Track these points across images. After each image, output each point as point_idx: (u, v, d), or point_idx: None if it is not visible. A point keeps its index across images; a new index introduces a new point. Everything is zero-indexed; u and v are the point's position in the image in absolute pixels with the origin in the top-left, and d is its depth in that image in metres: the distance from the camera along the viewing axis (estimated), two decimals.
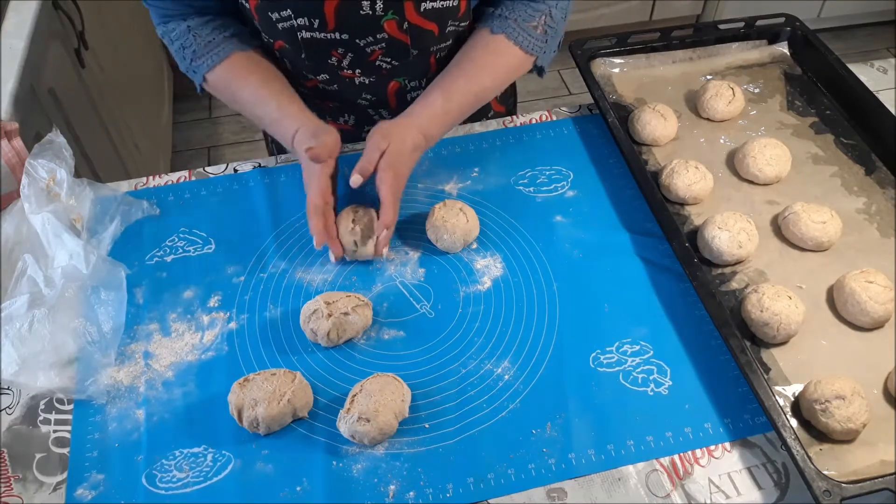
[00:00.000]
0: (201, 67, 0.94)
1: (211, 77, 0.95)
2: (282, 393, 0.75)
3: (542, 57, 0.99)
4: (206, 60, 0.94)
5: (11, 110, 1.07)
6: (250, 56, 0.96)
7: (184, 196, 1.01)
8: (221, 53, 0.94)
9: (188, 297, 0.89)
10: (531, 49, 0.96)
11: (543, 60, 0.99)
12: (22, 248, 0.88)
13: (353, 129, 1.11)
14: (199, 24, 0.94)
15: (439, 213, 0.92)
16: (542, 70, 1.01)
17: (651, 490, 0.73)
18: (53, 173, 0.90)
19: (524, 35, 0.95)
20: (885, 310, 0.82)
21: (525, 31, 0.95)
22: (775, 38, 1.18)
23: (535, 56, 0.98)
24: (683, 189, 0.95)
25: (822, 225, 0.89)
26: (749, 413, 0.78)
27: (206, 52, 0.93)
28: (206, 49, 0.93)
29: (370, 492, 0.73)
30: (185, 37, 0.93)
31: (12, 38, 1.19)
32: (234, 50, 0.94)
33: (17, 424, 0.78)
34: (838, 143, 1.04)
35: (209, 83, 0.96)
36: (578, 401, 0.79)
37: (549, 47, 0.98)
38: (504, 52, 0.95)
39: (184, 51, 0.94)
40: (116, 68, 1.77)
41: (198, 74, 0.95)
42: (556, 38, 0.99)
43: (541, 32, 0.96)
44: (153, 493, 0.73)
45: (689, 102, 1.11)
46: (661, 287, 0.89)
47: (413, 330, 0.86)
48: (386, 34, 0.92)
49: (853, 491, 0.67)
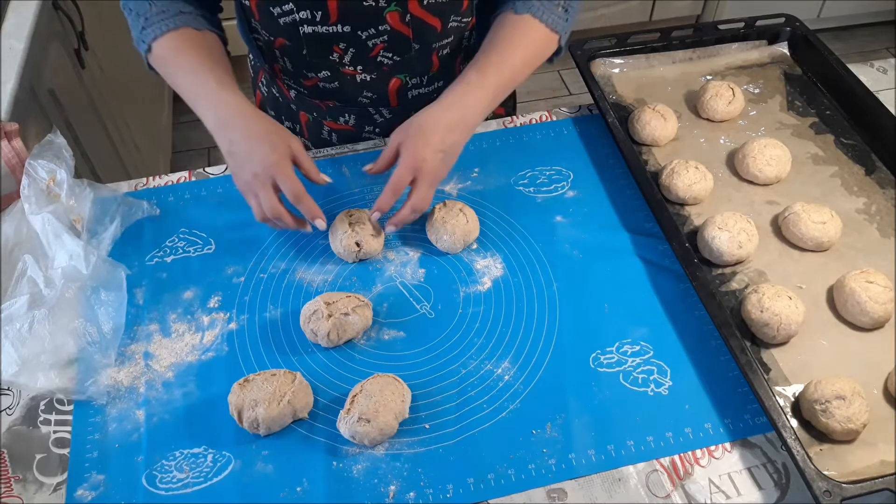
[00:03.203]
0: (148, 35, 0.89)
1: (157, 47, 0.90)
2: (282, 393, 0.75)
3: (563, 36, 0.97)
4: (156, 28, 0.89)
5: (11, 111, 1.07)
6: (203, 34, 0.92)
7: (184, 196, 1.01)
8: (171, 24, 0.89)
9: (188, 298, 0.89)
10: (556, 26, 0.94)
11: (563, 39, 0.98)
12: (22, 249, 0.88)
13: (353, 129, 1.11)
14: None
15: (439, 214, 0.92)
16: (559, 52, 0.99)
17: (651, 490, 0.73)
18: (53, 174, 0.90)
19: (548, 13, 0.93)
20: (885, 310, 0.82)
21: (548, 10, 0.93)
22: (775, 39, 1.18)
23: (559, 35, 0.95)
24: (683, 189, 0.95)
25: (822, 225, 0.89)
26: (749, 413, 0.78)
27: (158, 20, 0.89)
28: (157, 17, 0.89)
29: (370, 492, 0.73)
30: (142, 5, 0.90)
31: (12, 39, 1.19)
32: (186, 24, 0.90)
33: (17, 425, 0.78)
34: (838, 143, 1.04)
35: (154, 54, 0.91)
36: (578, 401, 0.79)
37: (568, 25, 0.97)
38: (531, 31, 0.93)
39: (138, 19, 0.90)
40: (116, 68, 1.77)
41: (145, 43, 0.91)
42: (574, 17, 0.98)
43: (561, 10, 0.95)
44: (153, 494, 0.73)
45: (689, 103, 1.11)
46: (661, 287, 0.89)
47: (413, 330, 0.86)
48: (388, 26, 0.92)
49: (853, 491, 0.67)
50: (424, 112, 0.88)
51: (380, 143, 1.08)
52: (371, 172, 0.90)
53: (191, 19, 0.91)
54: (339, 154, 1.06)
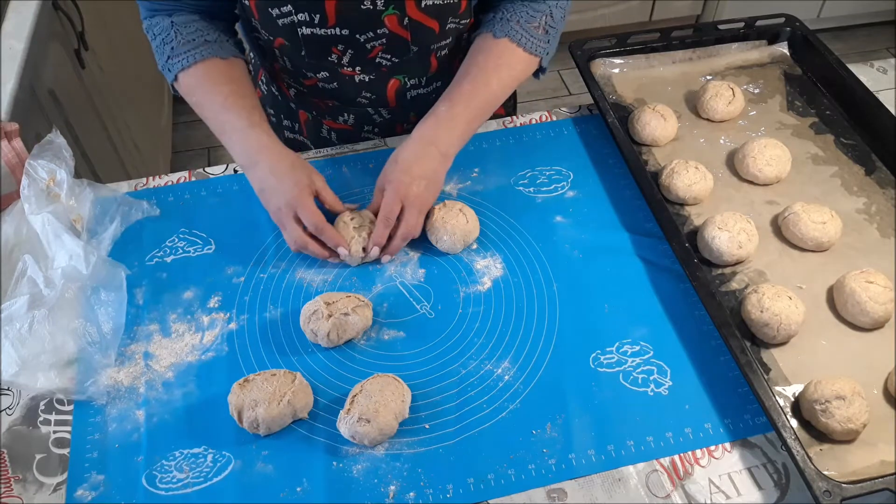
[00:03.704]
0: (176, 66, 0.93)
1: (184, 77, 0.93)
2: (282, 394, 0.75)
3: (545, 58, 0.99)
4: (183, 59, 0.92)
5: (11, 111, 1.07)
6: (229, 64, 0.95)
7: (184, 196, 1.01)
8: (198, 55, 0.92)
9: (188, 298, 0.89)
10: (535, 50, 0.96)
11: (545, 61, 0.99)
12: (22, 249, 0.88)
13: (353, 128, 1.11)
14: (183, 23, 0.93)
15: (439, 214, 0.92)
16: (543, 70, 1.01)
17: (651, 490, 0.73)
18: (53, 174, 0.90)
19: (527, 37, 0.95)
20: (885, 310, 0.82)
21: (528, 33, 0.95)
22: (775, 39, 1.18)
23: (540, 57, 0.98)
24: (683, 189, 0.95)
25: (822, 225, 0.89)
26: (749, 413, 0.78)
27: (185, 50, 0.92)
28: (184, 48, 0.92)
29: (370, 492, 0.73)
30: (167, 32, 0.93)
31: (12, 39, 1.19)
32: (212, 55, 0.93)
33: (17, 425, 0.78)
34: (838, 143, 1.04)
35: (181, 83, 0.94)
36: (578, 401, 0.79)
37: (550, 47, 0.98)
38: (509, 56, 0.95)
39: (164, 46, 0.93)
40: (116, 68, 1.77)
41: (171, 73, 0.94)
42: (557, 38, 0.99)
43: (542, 32, 0.96)
44: (153, 494, 0.73)
45: (688, 103, 1.11)
46: (661, 287, 0.89)
47: (413, 330, 0.86)
48: (386, 29, 0.92)
49: (853, 491, 0.67)
50: (399, 149, 0.92)
51: (379, 142, 1.08)
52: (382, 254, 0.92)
53: (216, 48, 0.94)
54: (340, 154, 1.06)
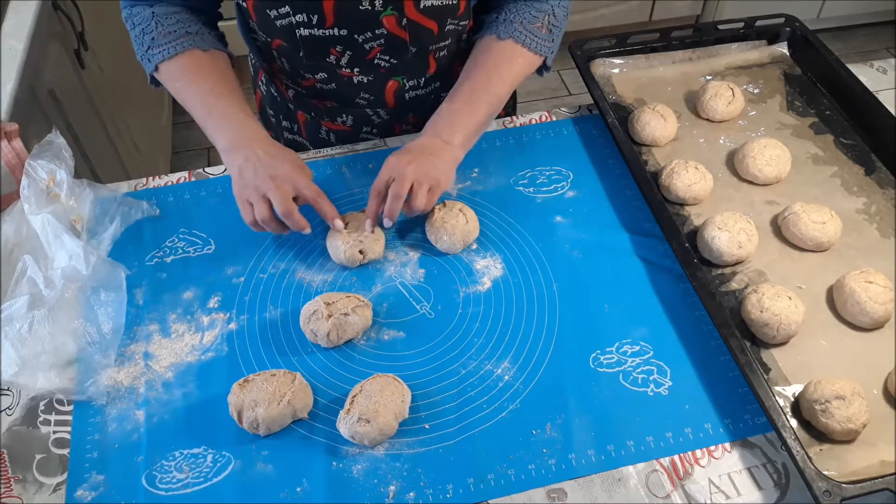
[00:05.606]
0: (157, 56, 0.92)
1: (164, 67, 0.93)
2: (282, 394, 0.75)
3: (550, 56, 0.99)
4: (164, 50, 0.92)
5: (11, 111, 1.07)
6: (212, 55, 0.94)
7: (183, 197, 1.01)
8: (179, 46, 0.92)
9: (188, 298, 0.89)
10: (540, 50, 0.96)
11: (549, 60, 1.00)
12: (22, 249, 0.88)
13: (352, 129, 1.10)
14: (164, 14, 0.92)
15: (439, 215, 0.92)
16: (547, 68, 1.01)
17: (651, 490, 0.73)
18: (53, 174, 0.90)
19: (531, 37, 0.95)
20: (885, 310, 0.82)
21: (531, 33, 0.95)
22: (775, 39, 1.18)
23: (544, 56, 0.98)
24: (683, 189, 0.95)
25: (822, 225, 0.89)
26: (749, 413, 0.78)
27: (166, 41, 0.92)
28: (165, 39, 0.92)
29: (370, 492, 0.73)
30: (148, 23, 0.92)
31: (12, 39, 1.19)
32: (193, 46, 0.92)
33: (17, 425, 0.78)
34: (838, 143, 1.04)
35: (161, 73, 0.94)
36: (578, 401, 0.79)
37: (554, 46, 0.99)
38: (514, 57, 0.95)
39: (143, 36, 0.92)
40: (116, 69, 1.77)
41: (151, 63, 0.93)
42: (560, 37, 0.99)
43: (546, 32, 0.96)
44: (153, 494, 0.73)
45: (688, 103, 1.11)
46: (661, 287, 0.89)
47: (413, 330, 0.86)
48: (384, 30, 0.92)
49: (853, 491, 0.67)
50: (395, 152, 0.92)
51: (379, 143, 1.08)
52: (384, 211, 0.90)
53: (198, 40, 0.93)
54: (339, 154, 1.06)
